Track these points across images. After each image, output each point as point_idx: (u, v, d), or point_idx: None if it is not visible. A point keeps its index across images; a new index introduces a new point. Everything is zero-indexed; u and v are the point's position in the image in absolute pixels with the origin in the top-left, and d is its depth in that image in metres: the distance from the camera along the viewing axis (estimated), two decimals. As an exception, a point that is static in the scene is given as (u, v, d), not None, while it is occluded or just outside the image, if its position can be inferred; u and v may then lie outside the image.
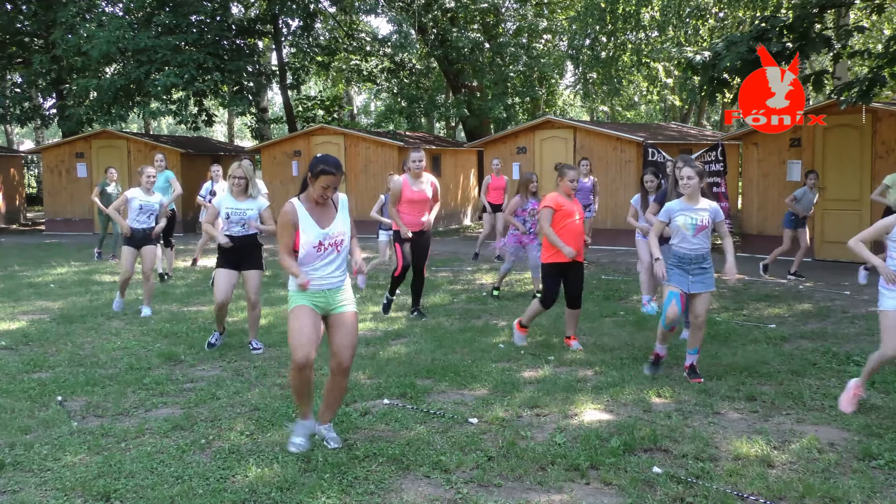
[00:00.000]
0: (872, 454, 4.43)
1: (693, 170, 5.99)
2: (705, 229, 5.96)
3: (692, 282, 6.01)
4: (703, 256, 6.02)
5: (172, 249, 12.06)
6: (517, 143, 17.12)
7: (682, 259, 6.03)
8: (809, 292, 10.03)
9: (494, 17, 25.04)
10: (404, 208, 8.35)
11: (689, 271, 6.01)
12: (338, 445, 4.67)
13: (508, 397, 5.66)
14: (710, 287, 6.04)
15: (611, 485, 4.14)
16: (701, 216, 5.95)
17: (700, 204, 6.00)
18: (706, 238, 6.02)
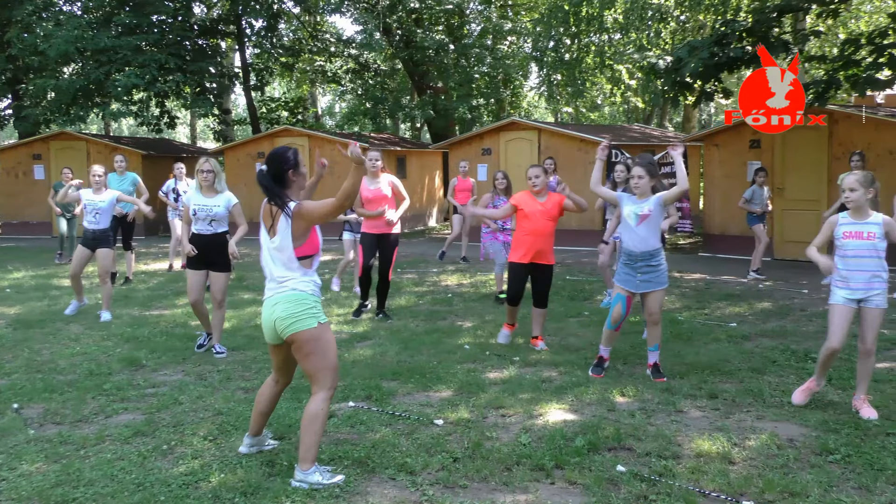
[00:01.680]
0: (829, 449, 4.51)
1: (643, 168, 6.07)
2: (648, 218, 6.00)
3: (640, 281, 6.07)
4: (651, 254, 6.03)
5: (133, 252, 11.89)
6: (482, 145, 17.17)
7: (631, 256, 6.10)
8: (769, 291, 10.19)
9: (459, 19, 25.10)
10: (363, 209, 8.42)
11: (638, 269, 6.06)
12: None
13: (474, 398, 5.66)
14: (660, 285, 6.08)
15: (575, 484, 4.16)
16: (644, 207, 6.03)
17: (647, 199, 6.08)
18: (651, 231, 6.03)
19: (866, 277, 5.08)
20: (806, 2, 12.16)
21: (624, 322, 6.32)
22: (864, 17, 22.59)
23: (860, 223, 5.12)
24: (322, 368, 4.18)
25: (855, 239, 5.10)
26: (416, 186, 20.94)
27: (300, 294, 4.17)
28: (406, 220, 20.32)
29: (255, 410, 4.58)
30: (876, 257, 5.08)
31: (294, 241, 4.17)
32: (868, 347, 5.14)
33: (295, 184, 4.30)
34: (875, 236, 5.05)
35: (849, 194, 5.13)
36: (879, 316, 5.13)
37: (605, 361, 6.34)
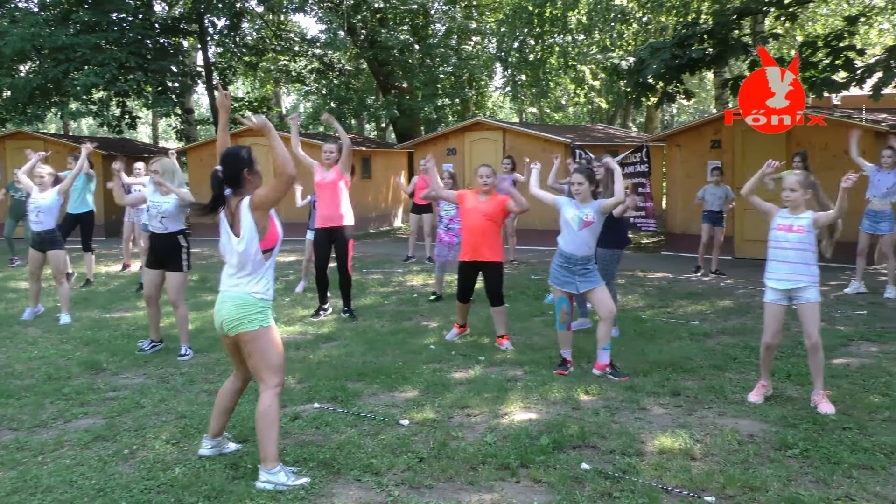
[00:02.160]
0: (788, 444, 4.59)
1: (583, 175, 6.22)
2: (591, 225, 6.12)
3: (580, 282, 6.19)
4: (588, 258, 6.20)
5: (93, 254, 11.69)
6: (447, 145, 17.18)
7: (569, 259, 6.22)
8: (730, 289, 10.34)
9: (424, 19, 25.10)
10: (318, 200, 8.60)
11: (576, 272, 6.19)
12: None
13: (439, 398, 5.67)
14: (598, 283, 6.21)
15: (541, 482, 4.19)
16: (586, 213, 6.14)
17: (588, 204, 6.21)
18: (592, 236, 6.18)
19: (792, 269, 5.28)
20: (764, 5, 12.36)
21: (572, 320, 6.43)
22: (821, 21, 23.02)
23: (793, 217, 5.36)
24: (263, 368, 4.25)
25: (785, 231, 5.33)
26: (382, 186, 20.90)
27: (248, 298, 4.22)
28: (371, 220, 20.28)
29: (215, 409, 4.57)
30: (802, 249, 5.27)
31: (260, 235, 4.19)
32: (813, 342, 5.27)
33: (250, 183, 4.29)
34: (804, 229, 5.27)
35: (788, 194, 5.36)
36: (814, 309, 5.27)
37: (569, 363, 6.39)
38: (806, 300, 5.28)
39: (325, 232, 8.52)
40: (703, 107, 39.40)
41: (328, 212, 8.48)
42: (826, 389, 5.36)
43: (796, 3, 12.62)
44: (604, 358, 6.22)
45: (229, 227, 4.25)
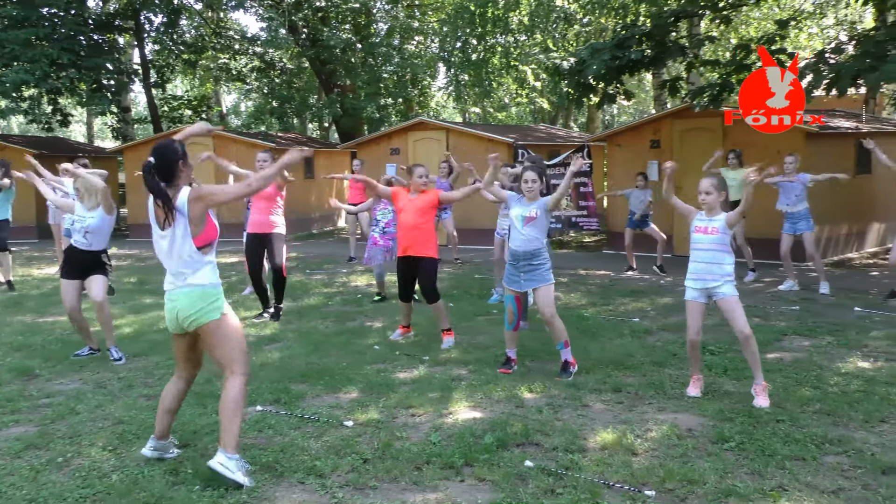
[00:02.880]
0: (725, 437, 4.70)
1: (535, 173, 6.26)
2: (534, 220, 6.17)
3: (524, 280, 6.23)
4: (533, 253, 6.20)
5: (9, 254, 11.26)
6: (391, 144, 17.14)
7: (515, 256, 6.28)
8: (670, 286, 10.53)
9: (366, 18, 24.98)
10: (252, 205, 8.59)
11: (521, 269, 6.23)
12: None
13: (384, 399, 5.65)
14: (543, 281, 6.22)
15: (485, 481, 4.21)
16: (531, 210, 6.20)
17: (535, 202, 6.26)
18: (536, 232, 6.20)
19: (707, 268, 5.49)
20: (700, 8, 12.63)
21: (520, 321, 6.46)
22: (754, 24, 23.64)
23: (708, 219, 5.56)
24: (231, 356, 4.24)
25: (701, 233, 5.53)
26: (325, 186, 20.73)
27: (200, 289, 4.19)
28: (315, 220, 20.12)
29: (160, 409, 4.50)
30: (716, 250, 5.47)
31: (194, 229, 4.15)
32: (743, 332, 5.40)
33: (184, 174, 4.27)
34: (717, 231, 5.46)
35: (704, 197, 5.53)
36: (733, 303, 5.43)
37: (513, 362, 6.44)
38: (723, 295, 5.45)
39: (257, 238, 8.54)
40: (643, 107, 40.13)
41: (261, 218, 8.51)
42: (766, 382, 5.48)
43: (730, 6, 12.92)
44: (565, 355, 6.28)
45: (160, 221, 4.19)
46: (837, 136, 12.88)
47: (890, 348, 6.90)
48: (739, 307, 5.46)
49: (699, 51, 13.29)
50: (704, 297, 5.57)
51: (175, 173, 4.22)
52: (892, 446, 4.55)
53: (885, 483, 4.05)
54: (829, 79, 10.08)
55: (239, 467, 4.14)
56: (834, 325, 7.84)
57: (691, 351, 5.69)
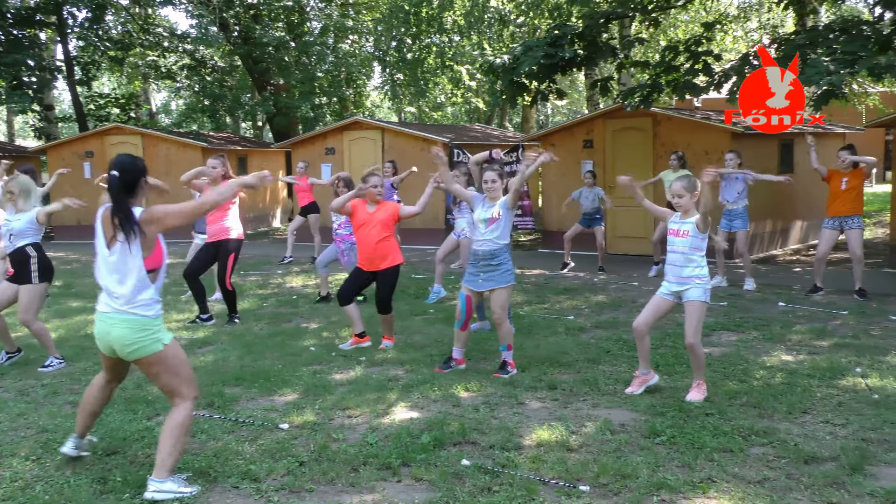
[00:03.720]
0: (657, 431, 4.81)
1: (495, 173, 6.28)
2: (497, 221, 6.20)
3: (483, 280, 6.25)
4: (493, 253, 6.21)
5: None
6: (326, 144, 17.01)
7: (476, 256, 6.29)
8: (604, 284, 10.71)
9: (299, 16, 24.70)
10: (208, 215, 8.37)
11: (481, 269, 6.25)
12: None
13: (320, 400, 5.61)
14: (502, 283, 6.22)
15: (422, 480, 4.21)
16: (493, 210, 6.21)
17: (496, 202, 6.27)
18: (500, 233, 6.22)
19: (679, 270, 5.51)
20: (630, 10, 12.88)
21: (468, 321, 6.46)
22: (682, 27, 24.22)
23: (681, 222, 5.56)
24: (177, 384, 4.14)
25: (674, 236, 5.54)
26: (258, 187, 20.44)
27: (141, 319, 4.04)
28: (250, 220, 19.81)
29: (82, 410, 4.38)
30: (687, 253, 5.48)
31: (145, 251, 4.01)
32: (689, 341, 5.46)
33: (143, 192, 4.15)
34: (689, 234, 5.47)
35: (677, 200, 5.57)
36: (696, 308, 5.45)
37: (454, 361, 6.44)
38: (689, 298, 5.48)
39: (213, 246, 8.45)
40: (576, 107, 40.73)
41: (216, 227, 8.41)
42: (703, 381, 5.59)
43: (658, 8, 13.21)
44: (506, 356, 6.30)
45: (107, 238, 4.03)
46: (762, 136, 13.27)
47: (811, 341, 7.15)
48: (697, 315, 5.45)
49: (629, 52, 13.54)
50: (675, 298, 5.59)
51: (136, 190, 4.08)
52: (813, 436, 4.72)
53: (807, 472, 4.20)
54: (754, 81, 10.39)
55: (174, 481, 4.04)
56: (759, 319, 8.09)
57: (637, 341, 5.72)
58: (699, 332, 5.47)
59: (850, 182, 9.18)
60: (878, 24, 11.23)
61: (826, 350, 6.82)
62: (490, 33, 23.87)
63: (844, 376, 5.97)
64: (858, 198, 9.26)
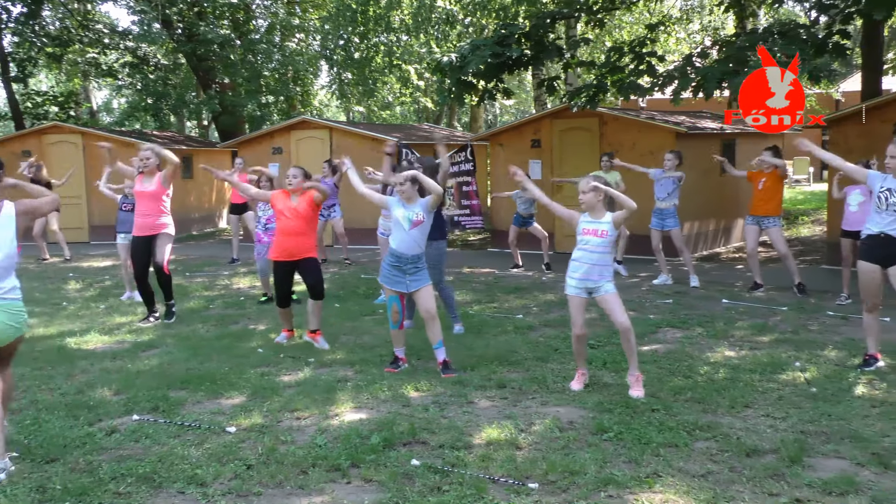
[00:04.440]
0: (604, 428, 4.87)
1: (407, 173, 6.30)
2: (421, 224, 6.21)
3: (410, 281, 6.27)
4: (419, 257, 6.27)
5: None
6: (273, 143, 16.81)
7: (400, 259, 6.28)
8: (552, 283, 10.80)
9: (245, 14, 24.37)
10: (137, 206, 8.41)
11: (407, 271, 6.26)
12: None
13: (268, 402, 5.55)
14: (427, 281, 6.32)
15: (371, 481, 4.20)
16: (416, 212, 6.22)
17: (416, 203, 6.28)
18: (423, 235, 6.25)
19: (594, 269, 5.64)
20: (576, 10, 13.02)
21: (404, 320, 6.49)
22: (626, 28, 24.59)
23: (596, 222, 5.67)
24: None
25: (591, 235, 5.65)
26: (204, 187, 20.14)
27: (18, 304, 4.42)
28: (195, 221, 19.50)
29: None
30: (603, 252, 5.64)
31: (20, 240, 4.40)
32: (623, 325, 5.58)
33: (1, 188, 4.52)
34: (607, 233, 5.61)
35: (581, 196, 5.69)
36: (614, 298, 5.63)
37: (401, 361, 6.45)
38: (604, 293, 5.64)
39: (144, 240, 8.28)
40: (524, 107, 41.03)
41: (147, 221, 8.27)
42: (640, 373, 5.70)
43: (603, 9, 13.37)
44: (439, 355, 6.32)
45: None
46: (704, 136, 13.56)
47: (753, 337, 7.33)
48: (618, 301, 5.65)
49: (576, 52, 13.69)
50: (585, 294, 5.73)
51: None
52: (755, 430, 4.83)
53: (748, 465, 4.30)
54: (697, 82, 10.60)
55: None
56: (704, 316, 8.26)
57: (577, 345, 5.84)
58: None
59: (766, 182, 9.49)
60: (813, 27, 11.56)
61: (767, 345, 7.00)
62: (437, 33, 23.89)
63: (784, 371, 6.13)
64: (775, 198, 9.58)
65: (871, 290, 6.11)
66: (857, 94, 15.12)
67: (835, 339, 7.13)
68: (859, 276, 6.19)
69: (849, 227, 8.80)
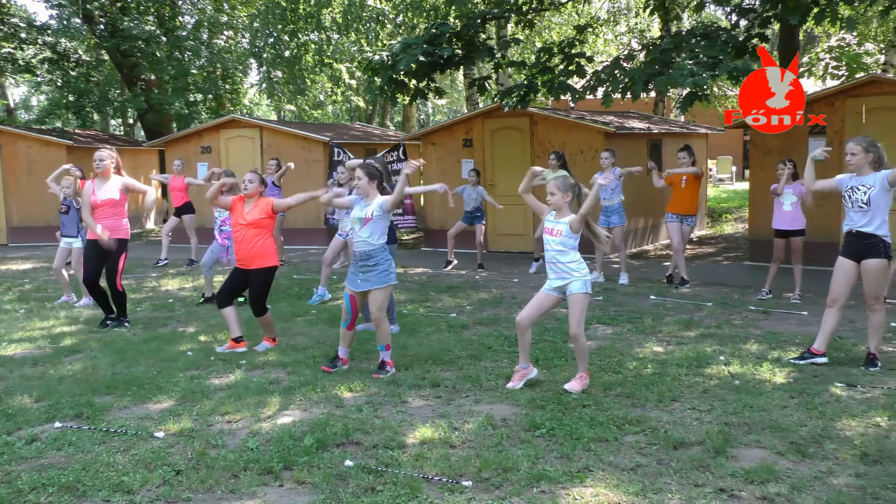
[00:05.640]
0: (537, 424, 4.93)
1: (363, 170, 6.25)
2: (371, 221, 6.18)
3: (361, 280, 6.24)
4: (370, 254, 6.18)
5: None
6: (201, 143, 16.49)
7: (356, 257, 6.27)
8: (485, 282, 10.88)
9: (170, 10, 23.79)
10: (97, 211, 7.99)
11: (360, 269, 6.23)
12: None
13: (198, 406, 5.44)
14: (379, 283, 6.20)
15: (304, 483, 4.16)
16: (368, 211, 6.19)
17: (371, 202, 6.24)
18: (374, 232, 6.18)
19: (556, 268, 5.68)
20: (505, 11, 13.14)
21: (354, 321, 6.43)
22: (556, 29, 24.91)
23: (556, 221, 5.73)
24: None
25: (548, 235, 5.72)
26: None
27: None
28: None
29: None
30: (563, 251, 5.66)
31: None
32: (573, 332, 5.64)
33: None
34: (562, 233, 5.65)
35: (549, 198, 5.73)
36: (579, 300, 5.63)
37: (342, 360, 6.39)
38: (572, 292, 5.64)
39: (97, 244, 8.01)
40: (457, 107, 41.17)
41: (111, 223, 8.02)
42: (587, 372, 5.77)
43: (533, 10, 13.52)
44: (384, 356, 6.29)
45: None
46: (632, 136, 13.85)
47: (680, 332, 7.52)
48: (580, 307, 5.61)
49: (506, 52, 13.82)
50: (557, 293, 5.73)
51: None
52: (681, 423, 4.96)
53: (675, 457, 4.42)
54: (625, 84, 10.82)
55: None
56: (633, 312, 8.43)
57: (519, 335, 5.83)
58: (582, 322, 5.64)
59: (688, 181, 9.83)
60: (734, 30, 11.92)
61: (693, 340, 7.19)
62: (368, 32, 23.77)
63: (709, 364, 6.30)
64: (695, 197, 9.91)
65: (837, 283, 6.24)
66: (776, 96, 15.65)
67: (756, 333, 7.37)
68: (833, 271, 6.36)
69: (781, 226, 9.09)
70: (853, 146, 6.10)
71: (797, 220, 8.97)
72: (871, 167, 6.05)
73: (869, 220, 6.03)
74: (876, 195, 5.96)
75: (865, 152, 6.04)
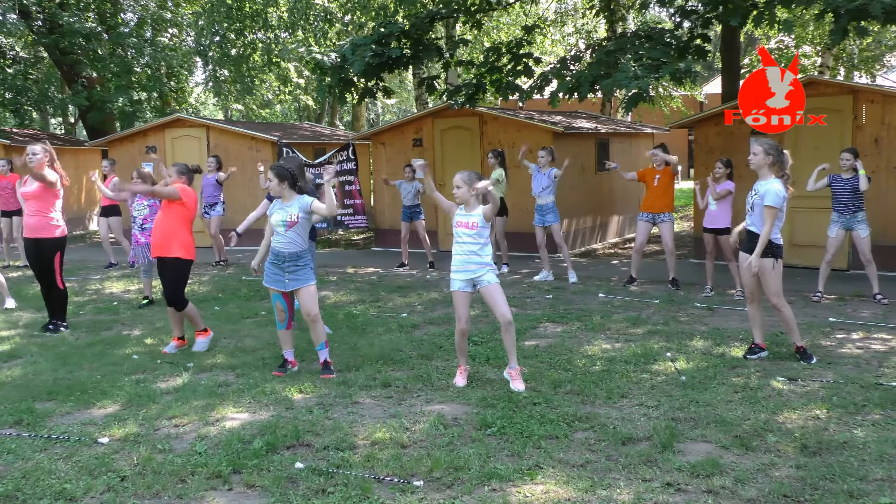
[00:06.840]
0: (488, 423, 4.95)
1: (273, 172, 6.23)
2: (295, 225, 6.15)
3: (289, 280, 6.19)
4: (298, 255, 6.17)
5: None
6: (146, 142, 16.15)
7: (278, 256, 6.20)
8: (436, 281, 10.89)
9: (112, 6, 23.27)
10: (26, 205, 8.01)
11: (286, 269, 6.18)
12: None
13: (144, 411, 5.34)
14: (307, 281, 6.20)
15: (254, 486, 4.11)
16: (290, 213, 6.15)
17: (291, 203, 6.20)
18: (299, 234, 6.16)
19: (467, 260, 5.82)
20: (453, 11, 13.17)
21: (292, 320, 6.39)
22: (504, 29, 25.06)
23: (468, 214, 5.87)
24: None
25: (463, 228, 5.85)
26: (73, 188, 19.15)
27: None
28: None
29: None
30: (477, 243, 5.80)
31: None
32: (505, 317, 5.72)
33: None
34: (477, 225, 5.79)
35: (455, 191, 5.89)
36: (496, 290, 5.77)
37: (290, 363, 6.35)
38: (486, 283, 5.77)
39: (33, 242, 7.89)
40: (406, 106, 41.12)
41: (34, 221, 7.85)
42: (521, 366, 5.85)
43: (481, 10, 13.58)
44: (324, 356, 6.26)
45: None
46: (580, 135, 14.01)
47: (628, 330, 7.63)
48: (501, 294, 5.78)
49: (455, 52, 13.85)
50: (470, 287, 5.83)
51: None
52: (630, 419, 5.04)
53: (624, 452, 4.48)
54: (571, 85, 10.92)
55: None
56: (581, 310, 8.53)
57: (460, 340, 5.93)
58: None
59: (661, 179, 9.88)
60: (677, 31, 12.15)
61: (640, 337, 7.30)
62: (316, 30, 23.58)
63: (656, 361, 6.41)
64: (669, 194, 9.99)
65: (744, 280, 6.46)
66: (718, 97, 15.99)
67: (701, 330, 7.52)
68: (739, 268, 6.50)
69: (708, 224, 9.28)
70: (755, 146, 6.28)
71: (721, 218, 9.12)
72: (771, 171, 6.22)
73: (754, 222, 6.25)
74: (759, 203, 6.16)
75: (766, 154, 6.20)
